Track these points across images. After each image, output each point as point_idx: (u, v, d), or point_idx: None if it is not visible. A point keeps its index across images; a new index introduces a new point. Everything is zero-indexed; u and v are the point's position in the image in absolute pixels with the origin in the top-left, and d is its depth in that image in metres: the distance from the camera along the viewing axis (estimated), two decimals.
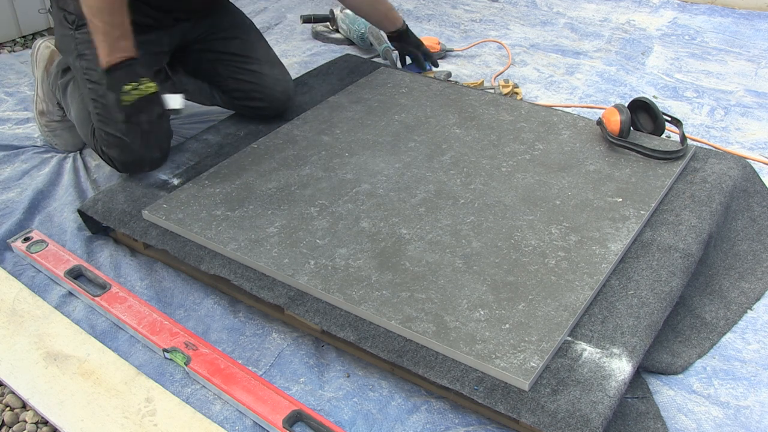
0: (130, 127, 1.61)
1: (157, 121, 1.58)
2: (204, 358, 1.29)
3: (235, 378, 1.25)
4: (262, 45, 1.92)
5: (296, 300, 1.33)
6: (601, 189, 1.57)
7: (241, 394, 1.22)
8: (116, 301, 1.42)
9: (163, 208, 1.53)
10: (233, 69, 1.88)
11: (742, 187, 1.65)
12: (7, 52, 2.64)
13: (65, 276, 1.48)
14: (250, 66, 1.87)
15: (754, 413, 1.24)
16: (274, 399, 1.21)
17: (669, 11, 2.96)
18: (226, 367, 1.27)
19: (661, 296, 1.31)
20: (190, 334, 1.35)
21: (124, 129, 1.62)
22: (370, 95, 1.98)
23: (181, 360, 1.28)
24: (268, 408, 1.20)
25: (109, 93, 1.53)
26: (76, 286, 1.46)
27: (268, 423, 1.17)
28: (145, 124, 1.57)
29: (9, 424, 1.24)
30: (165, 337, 1.34)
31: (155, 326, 1.36)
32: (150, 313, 1.39)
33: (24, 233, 1.61)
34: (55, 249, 1.56)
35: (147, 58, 1.70)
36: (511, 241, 1.42)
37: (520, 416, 1.11)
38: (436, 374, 1.18)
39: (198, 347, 1.31)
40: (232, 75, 1.87)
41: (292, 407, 1.20)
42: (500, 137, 1.77)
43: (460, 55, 2.59)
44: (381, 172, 1.64)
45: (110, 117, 1.62)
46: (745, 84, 2.37)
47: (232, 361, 1.29)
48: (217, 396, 1.25)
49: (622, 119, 1.70)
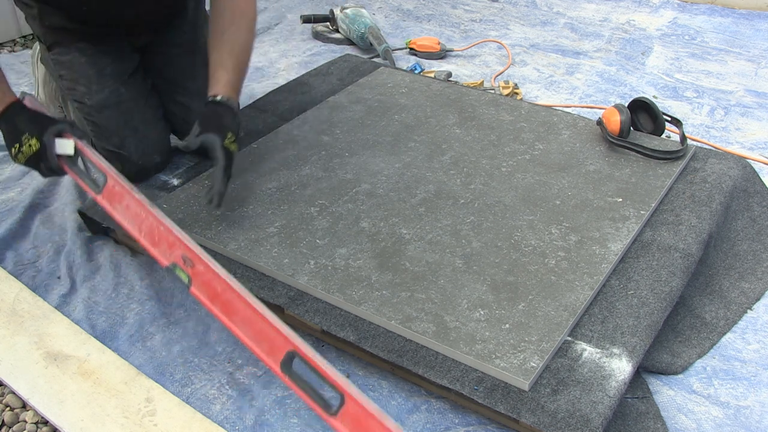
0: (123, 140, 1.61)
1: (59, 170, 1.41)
2: (202, 279, 1.15)
3: (233, 306, 1.11)
4: (203, 74, 1.56)
5: (296, 300, 1.33)
6: (601, 189, 1.57)
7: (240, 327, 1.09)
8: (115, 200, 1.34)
9: (163, 208, 1.53)
10: (165, 95, 1.78)
11: (742, 187, 1.65)
12: (7, 52, 2.64)
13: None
14: (180, 97, 1.77)
15: (754, 413, 1.24)
16: (272, 337, 1.07)
17: (669, 11, 2.96)
18: (223, 291, 1.12)
19: (661, 296, 1.31)
20: (185, 247, 1.20)
21: (118, 143, 1.62)
22: (370, 95, 1.98)
23: (185, 278, 1.17)
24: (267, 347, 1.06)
25: None
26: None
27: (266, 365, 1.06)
28: (47, 173, 1.41)
29: (9, 424, 1.24)
30: (164, 250, 1.22)
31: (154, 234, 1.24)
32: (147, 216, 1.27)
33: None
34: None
35: (115, 66, 1.67)
36: (511, 241, 1.42)
37: (520, 416, 1.11)
38: (436, 374, 1.18)
39: (195, 263, 1.17)
40: (164, 101, 1.78)
41: (288, 347, 1.04)
42: (500, 137, 1.77)
43: (460, 55, 2.59)
44: (381, 172, 1.64)
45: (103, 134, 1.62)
46: (745, 84, 2.37)
47: (226, 283, 1.13)
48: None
49: (622, 119, 1.70)
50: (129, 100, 1.68)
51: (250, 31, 1.52)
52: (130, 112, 1.59)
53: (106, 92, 1.66)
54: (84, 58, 1.66)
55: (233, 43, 1.49)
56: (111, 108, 1.65)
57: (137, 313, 1.43)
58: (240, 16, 1.51)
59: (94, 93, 1.64)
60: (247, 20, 1.52)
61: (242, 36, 1.51)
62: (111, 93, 1.66)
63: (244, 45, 1.52)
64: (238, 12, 1.51)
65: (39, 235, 1.64)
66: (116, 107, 1.66)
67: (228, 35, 1.49)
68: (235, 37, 1.50)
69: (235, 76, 1.49)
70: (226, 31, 1.49)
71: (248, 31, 1.52)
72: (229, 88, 1.47)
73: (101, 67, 1.67)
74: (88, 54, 1.66)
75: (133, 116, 1.49)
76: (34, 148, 1.36)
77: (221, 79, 1.47)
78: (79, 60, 1.65)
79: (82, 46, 1.65)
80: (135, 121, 1.52)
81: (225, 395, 1.26)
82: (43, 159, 1.37)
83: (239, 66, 1.50)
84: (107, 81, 1.67)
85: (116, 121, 1.66)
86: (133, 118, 1.49)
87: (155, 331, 1.39)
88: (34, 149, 1.36)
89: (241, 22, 1.51)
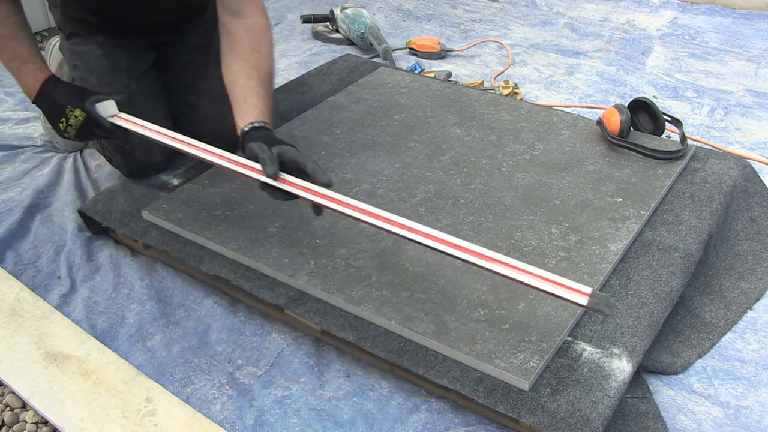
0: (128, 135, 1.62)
1: (116, 129, 1.46)
2: None
3: None
4: (214, 76, 1.56)
5: (296, 300, 1.33)
6: (601, 189, 1.57)
7: None
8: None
9: (163, 209, 1.53)
10: (174, 94, 1.79)
11: (742, 187, 1.65)
12: None
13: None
14: (189, 96, 1.77)
15: (754, 413, 1.24)
16: None
17: (669, 11, 2.96)
18: None
19: (661, 296, 1.31)
20: None
21: (123, 138, 1.63)
22: (370, 95, 1.98)
23: None
24: None
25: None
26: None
27: None
28: (105, 136, 1.47)
29: (9, 424, 1.24)
30: None
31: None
32: None
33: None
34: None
35: (129, 62, 1.68)
36: (511, 241, 1.42)
37: (520, 416, 1.11)
38: (436, 374, 1.18)
39: None
40: (173, 100, 1.79)
41: None
42: (500, 137, 1.77)
43: (460, 55, 2.59)
44: (381, 172, 1.64)
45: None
46: (745, 84, 2.37)
47: None
48: None
49: (622, 119, 1.70)
50: (139, 96, 1.69)
51: (271, 57, 1.51)
52: (139, 109, 1.59)
53: (117, 86, 1.67)
54: (100, 51, 1.67)
55: (260, 70, 1.45)
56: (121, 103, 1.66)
57: (137, 313, 1.43)
58: (258, 42, 1.48)
59: (105, 85, 1.66)
60: (267, 45, 1.50)
61: (266, 62, 1.48)
62: (122, 88, 1.67)
63: (270, 71, 1.49)
64: (255, 39, 1.48)
65: (39, 235, 1.64)
66: (127, 102, 1.67)
67: (252, 61, 1.45)
68: (260, 64, 1.46)
69: (269, 103, 1.44)
70: (249, 58, 1.45)
71: (270, 57, 1.50)
72: (266, 115, 1.41)
73: (116, 61, 1.68)
74: (104, 47, 1.67)
75: (142, 113, 1.49)
76: (81, 118, 1.41)
77: (258, 105, 1.39)
78: (95, 52, 1.67)
79: (100, 39, 1.67)
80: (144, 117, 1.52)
81: (225, 395, 1.26)
82: (95, 125, 1.43)
83: (270, 93, 1.47)
84: (120, 76, 1.68)
85: None
86: (142, 113, 1.50)
87: (155, 331, 1.39)
88: (81, 119, 1.41)
89: (261, 47, 1.48)
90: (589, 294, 1.07)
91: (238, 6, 1.49)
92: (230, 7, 1.49)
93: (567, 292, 1.08)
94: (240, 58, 1.45)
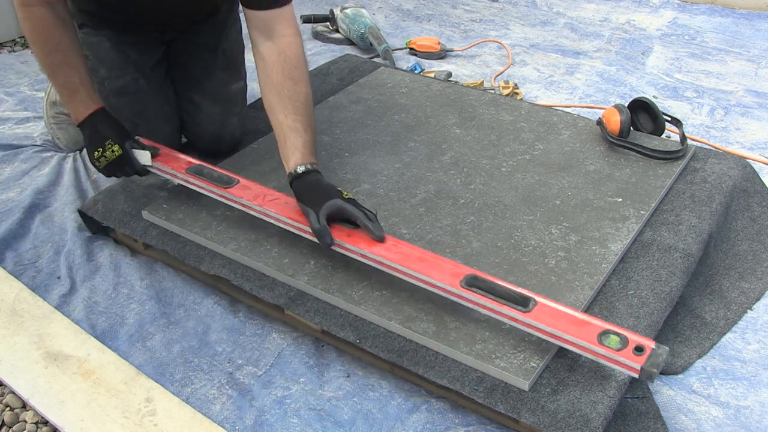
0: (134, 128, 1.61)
1: (143, 171, 1.52)
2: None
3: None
4: (220, 77, 1.68)
5: (296, 300, 1.32)
6: (601, 189, 1.57)
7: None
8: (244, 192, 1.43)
9: (163, 208, 1.53)
10: (180, 91, 1.78)
11: (742, 187, 1.65)
12: (7, 52, 2.64)
13: (187, 172, 1.49)
14: (193, 95, 1.75)
15: (754, 413, 1.24)
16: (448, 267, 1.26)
17: (669, 11, 2.97)
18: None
19: (661, 296, 1.31)
20: None
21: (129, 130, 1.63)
22: (370, 95, 1.98)
23: None
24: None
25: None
26: (203, 179, 1.46)
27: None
28: (130, 173, 1.52)
29: (9, 424, 1.24)
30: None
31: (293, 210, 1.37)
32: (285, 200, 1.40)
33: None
34: (169, 151, 1.56)
35: (139, 56, 1.69)
36: (511, 241, 1.42)
37: (520, 416, 1.11)
38: (436, 374, 1.18)
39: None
40: (179, 96, 1.78)
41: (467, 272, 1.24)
42: (500, 137, 1.77)
43: (460, 55, 2.59)
44: (381, 172, 1.64)
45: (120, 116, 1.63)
46: (745, 84, 2.37)
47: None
48: None
49: (622, 119, 1.70)
50: (147, 90, 1.70)
51: (307, 84, 1.46)
52: (146, 103, 1.60)
53: (126, 79, 1.67)
54: (110, 43, 1.67)
55: (295, 101, 1.42)
56: (128, 96, 1.67)
57: (137, 313, 1.43)
58: (292, 67, 1.44)
59: (114, 78, 1.66)
60: (301, 69, 1.46)
61: (301, 89, 1.44)
62: (131, 81, 1.68)
63: (306, 99, 1.44)
64: (288, 65, 1.44)
65: (39, 235, 1.64)
66: (134, 95, 1.67)
67: (287, 92, 1.42)
68: (295, 93, 1.43)
69: (310, 137, 1.42)
70: (284, 89, 1.42)
71: (306, 84, 1.46)
72: (307, 153, 1.40)
73: (126, 54, 1.68)
74: (114, 40, 1.67)
75: (148, 107, 1.50)
76: (116, 154, 1.47)
77: (297, 146, 1.39)
78: (106, 44, 1.67)
79: (110, 32, 1.67)
80: (149, 112, 1.53)
81: (225, 395, 1.26)
82: (127, 163, 1.48)
83: (310, 124, 1.43)
84: (129, 69, 1.68)
85: (131, 108, 1.67)
86: (147, 108, 1.50)
87: (155, 331, 1.39)
88: (116, 155, 1.47)
89: (295, 73, 1.44)
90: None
91: (269, 25, 1.45)
92: (260, 27, 1.46)
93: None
94: (274, 90, 1.43)
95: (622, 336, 1.11)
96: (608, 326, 1.13)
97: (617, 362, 1.09)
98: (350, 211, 1.31)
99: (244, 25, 1.54)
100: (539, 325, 1.14)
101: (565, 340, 1.12)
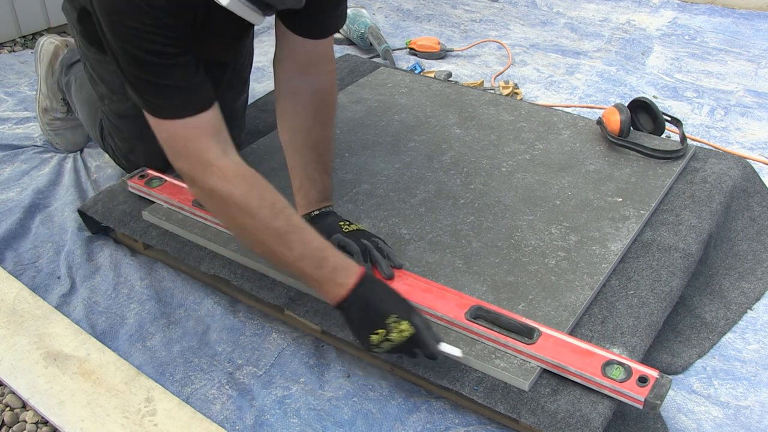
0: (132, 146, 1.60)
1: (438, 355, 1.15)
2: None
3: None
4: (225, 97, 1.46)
5: (296, 300, 1.32)
6: (601, 189, 1.57)
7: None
8: None
9: (164, 209, 1.53)
10: None
11: (742, 187, 1.65)
12: (7, 52, 2.64)
13: (194, 204, 1.48)
14: None
15: (754, 413, 1.24)
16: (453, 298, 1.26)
17: (669, 11, 2.97)
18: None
19: (661, 296, 1.31)
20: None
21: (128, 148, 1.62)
22: (370, 95, 1.98)
23: None
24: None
25: None
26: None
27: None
28: (420, 358, 1.17)
29: (9, 424, 1.24)
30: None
31: None
32: None
33: (137, 172, 1.59)
34: (175, 182, 1.55)
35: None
36: (511, 241, 1.42)
37: (520, 416, 1.11)
38: (436, 374, 1.18)
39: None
40: None
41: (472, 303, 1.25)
42: (500, 137, 1.77)
43: (460, 55, 2.59)
44: (381, 172, 1.64)
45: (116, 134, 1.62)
46: (745, 84, 2.37)
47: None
48: None
49: (622, 119, 1.70)
50: None
51: (333, 127, 1.41)
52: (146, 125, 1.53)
53: (128, 104, 1.61)
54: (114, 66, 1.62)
55: (319, 147, 1.37)
56: (129, 119, 1.62)
57: (137, 313, 1.43)
58: (325, 109, 1.38)
59: (115, 102, 1.62)
60: (331, 111, 1.40)
61: (328, 136, 1.40)
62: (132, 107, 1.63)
63: (330, 147, 1.41)
64: (322, 106, 1.37)
65: (39, 235, 1.64)
66: (134, 119, 1.60)
67: (314, 137, 1.36)
68: (322, 140, 1.37)
69: (327, 181, 1.39)
70: (311, 133, 1.36)
71: (332, 127, 1.41)
72: (323, 198, 1.37)
73: None
74: None
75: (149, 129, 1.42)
76: (407, 334, 1.11)
77: (316, 189, 1.36)
78: (110, 67, 1.55)
79: None
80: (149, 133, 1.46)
81: (225, 395, 1.26)
82: (421, 345, 1.13)
83: (326, 170, 1.39)
84: None
85: (130, 130, 1.63)
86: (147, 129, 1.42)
87: (155, 331, 1.39)
88: (407, 335, 1.11)
89: (325, 116, 1.38)
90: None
91: (312, 62, 1.36)
92: (302, 64, 1.36)
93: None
94: (302, 130, 1.37)
95: (626, 366, 1.12)
96: (612, 356, 1.14)
97: (621, 394, 1.10)
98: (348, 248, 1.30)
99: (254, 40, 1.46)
100: (543, 357, 1.15)
101: (569, 371, 1.13)
